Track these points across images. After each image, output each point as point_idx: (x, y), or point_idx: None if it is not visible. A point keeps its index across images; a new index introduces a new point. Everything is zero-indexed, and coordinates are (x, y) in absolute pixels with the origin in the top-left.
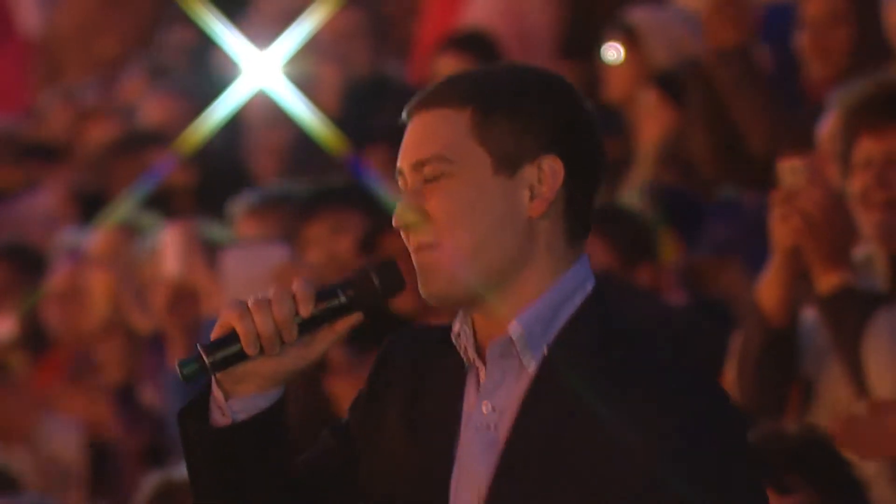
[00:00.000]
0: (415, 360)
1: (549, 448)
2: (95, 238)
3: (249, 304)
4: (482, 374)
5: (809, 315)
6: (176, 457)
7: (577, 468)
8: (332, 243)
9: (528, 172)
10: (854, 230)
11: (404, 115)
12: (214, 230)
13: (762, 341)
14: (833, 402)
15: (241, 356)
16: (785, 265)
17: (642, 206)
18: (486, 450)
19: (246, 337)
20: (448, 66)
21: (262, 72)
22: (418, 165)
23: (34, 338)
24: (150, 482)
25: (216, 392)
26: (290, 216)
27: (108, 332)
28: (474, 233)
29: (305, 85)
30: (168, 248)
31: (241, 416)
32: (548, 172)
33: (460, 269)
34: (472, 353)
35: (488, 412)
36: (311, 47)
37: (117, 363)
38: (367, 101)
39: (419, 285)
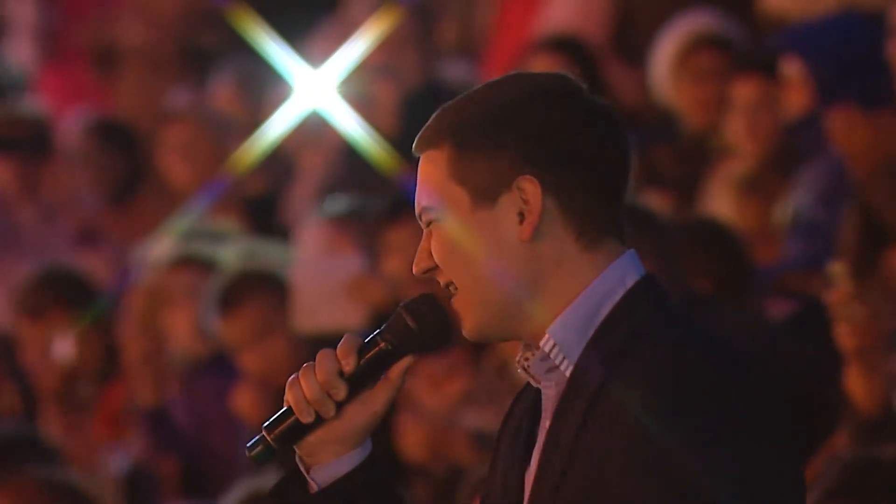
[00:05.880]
0: (521, 401)
1: (569, 452)
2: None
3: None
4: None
5: None
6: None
7: (590, 473)
8: (413, 250)
9: (510, 198)
10: None
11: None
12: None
13: (854, 431)
14: None
15: (300, 426)
16: (860, 363)
17: None
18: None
19: (297, 405)
20: (542, 67)
21: (316, 92)
22: (419, 216)
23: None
24: (239, 490)
25: (300, 465)
26: (365, 230)
27: (146, 357)
28: (471, 272)
29: (360, 104)
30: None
31: (324, 484)
32: (527, 193)
33: (475, 308)
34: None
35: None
36: (365, 65)
37: (150, 387)
38: (423, 114)
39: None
